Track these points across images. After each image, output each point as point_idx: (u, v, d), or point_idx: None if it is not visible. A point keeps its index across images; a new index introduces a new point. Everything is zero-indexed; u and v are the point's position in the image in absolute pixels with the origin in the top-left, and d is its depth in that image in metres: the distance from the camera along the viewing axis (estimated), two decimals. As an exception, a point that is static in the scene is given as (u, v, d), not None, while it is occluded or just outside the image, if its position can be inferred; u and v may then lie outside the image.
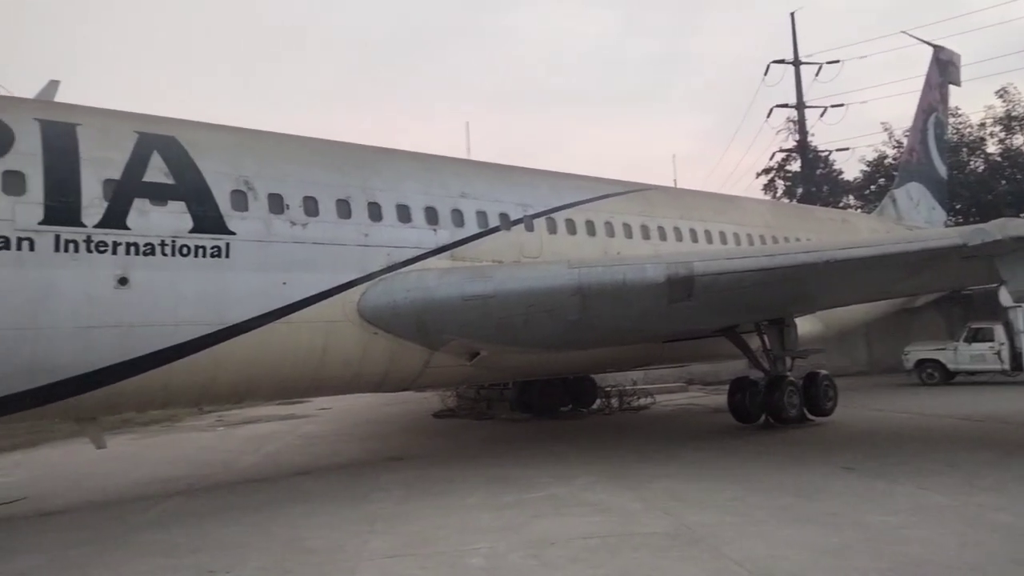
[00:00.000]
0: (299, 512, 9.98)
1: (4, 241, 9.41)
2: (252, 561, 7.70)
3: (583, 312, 12.85)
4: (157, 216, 10.64)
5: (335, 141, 14.34)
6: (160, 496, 11.85)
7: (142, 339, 10.35)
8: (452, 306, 12.81)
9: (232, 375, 11.50)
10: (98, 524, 9.92)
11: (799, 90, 39.16)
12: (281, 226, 11.84)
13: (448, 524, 8.85)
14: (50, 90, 11.77)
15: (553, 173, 17.37)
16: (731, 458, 12.63)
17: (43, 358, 9.69)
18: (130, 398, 10.92)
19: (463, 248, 13.98)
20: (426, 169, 14.65)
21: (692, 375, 28.44)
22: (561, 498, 10.03)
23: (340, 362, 12.56)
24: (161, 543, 8.68)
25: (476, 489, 10.87)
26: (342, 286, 12.35)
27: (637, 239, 16.72)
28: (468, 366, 14.09)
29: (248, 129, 13.20)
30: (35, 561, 8.12)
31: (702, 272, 12.49)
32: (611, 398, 21.97)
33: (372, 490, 11.27)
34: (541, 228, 15.15)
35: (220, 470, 14.49)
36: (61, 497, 12.28)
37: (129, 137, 10.92)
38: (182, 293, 10.68)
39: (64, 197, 9.95)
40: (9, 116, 10.14)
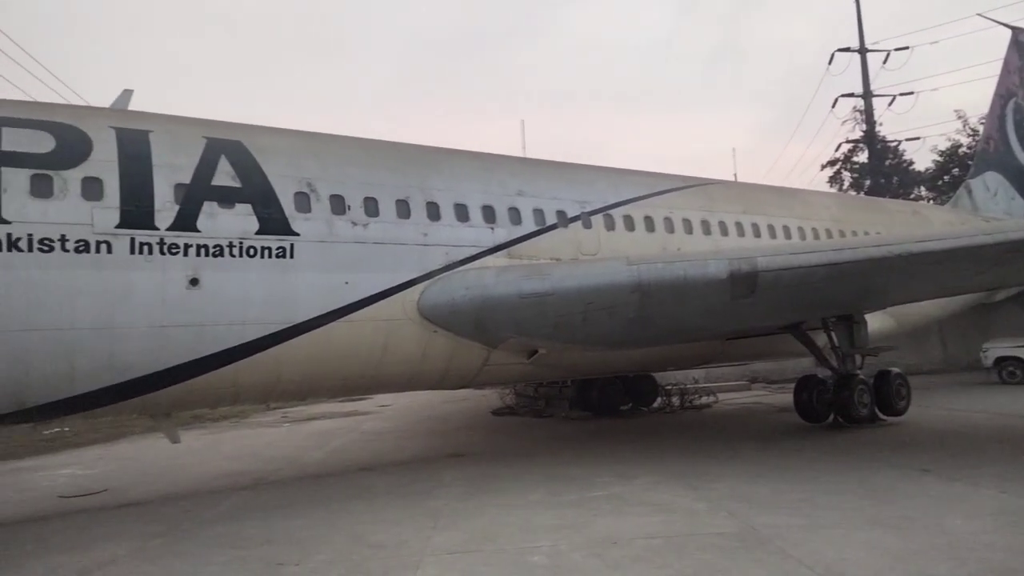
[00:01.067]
0: (363, 507, 10.16)
1: (84, 244, 9.86)
2: (319, 554, 7.87)
3: (643, 309, 12.69)
4: (225, 218, 10.98)
5: (394, 142, 14.53)
6: (230, 490, 12.24)
7: (212, 338, 10.70)
8: (510, 304, 12.84)
9: (297, 372, 11.79)
10: (173, 516, 10.32)
11: (865, 79, 37.89)
12: (343, 227, 12.07)
13: (510, 521, 8.86)
14: (124, 99, 12.29)
15: (611, 169, 17.21)
16: (798, 458, 12.28)
17: (121, 356, 10.13)
18: (201, 395, 11.31)
19: (520, 246, 13.98)
20: (483, 168, 14.71)
21: (755, 373, 27.79)
22: (623, 497, 9.92)
23: (401, 360, 12.73)
24: (232, 535, 8.96)
25: (537, 487, 10.86)
26: (402, 285, 12.51)
27: (697, 235, 16.43)
28: (526, 364, 14.10)
29: (310, 132, 13.50)
30: (117, 551, 8.50)
31: (766, 268, 12.18)
32: (672, 397, 21.66)
33: (434, 486, 11.38)
34: (599, 225, 15.03)
35: (286, 465, 14.88)
36: (139, 489, 12.81)
37: (198, 142, 11.30)
38: (249, 293, 11.00)
39: (138, 201, 10.36)
40: (87, 125, 10.62)
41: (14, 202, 9.52)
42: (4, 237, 9.37)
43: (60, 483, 14.03)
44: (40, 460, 17.41)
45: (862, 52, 37.47)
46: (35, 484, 14.11)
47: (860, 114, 39.25)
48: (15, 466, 16.63)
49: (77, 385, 10.02)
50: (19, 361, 9.51)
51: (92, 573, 7.68)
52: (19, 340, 9.43)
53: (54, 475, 15.06)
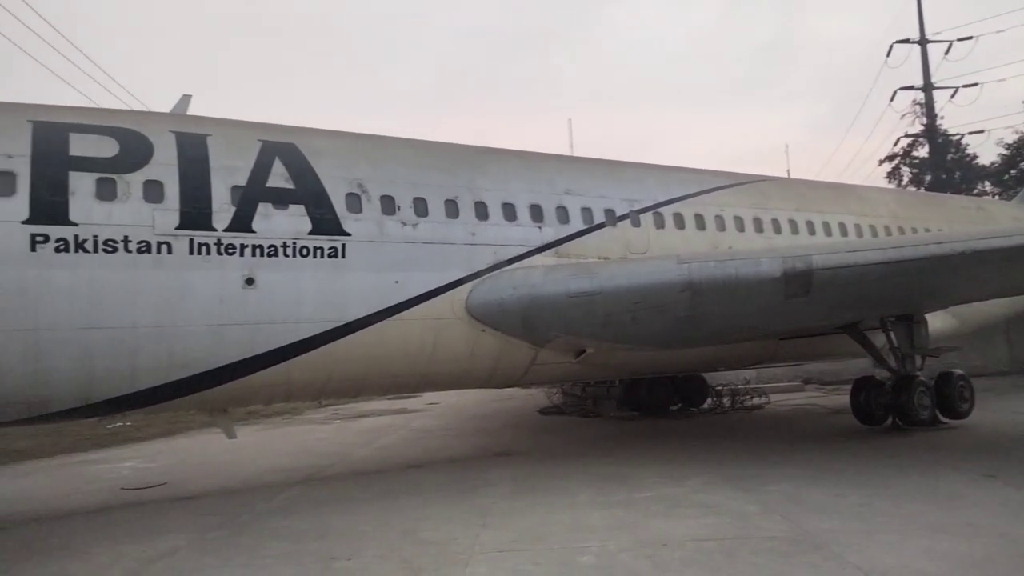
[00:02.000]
0: (413, 504, 10.27)
1: (145, 245, 10.21)
2: (370, 550, 7.99)
3: (693, 309, 12.52)
4: (279, 219, 11.23)
5: (442, 142, 14.65)
6: (284, 484, 12.51)
7: (267, 336, 10.96)
8: (557, 303, 12.81)
9: (348, 370, 11.98)
10: (230, 509, 10.60)
11: (926, 70, 36.69)
12: (393, 227, 12.22)
13: (558, 521, 8.85)
14: (183, 104, 12.69)
15: (659, 167, 17.02)
16: (855, 461, 11.94)
17: (180, 353, 10.45)
18: (257, 391, 11.59)
19: (568, 245, 13.94)
20: (531, 167, 14.71)
21: (809, 374, 27.13)
22: (673, 499, 9.81)
23: (449, 358, 12.83)
24: (287, 529, 9.17)
25: (585, 487, 10.81)
26: (451, 284, 12.60)
27: (750, 232, 16.13)
28: (574, 363, 14.04)
29: (360, 133, 13.70)
30: (177, 542, 8.77)
31: (821, 266, 11.88)
32: (723, 397, 21.31)
33: (482, 484, 11.44)
34: (648, 223, 14.88)
35: (337, 461, 15.14)
36: (197, 483, 13.20)
37: (253, 145, 11.58)
38: (303, 292, 11.23)
39: (197, 203, 10.68)
40: (149, 130, 10.99)
41: (81, 205, 9.91)
42: (71, 238, 9.76)
43: (123, 475, 14.55)
44: (104, 453, 18.08)
45: (922, 43, 36.28)
46: (100, 476, 14.66)
47: (920, 107, 38.06)
48: (82, 458, 17.31)
49: (139, 381, 10.37)
50: (85, 358, 9.89)
51: (154, 563, 7.94)
52: (85, 338, 9.80)
53: (117, 468, 15.63)
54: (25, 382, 9.61)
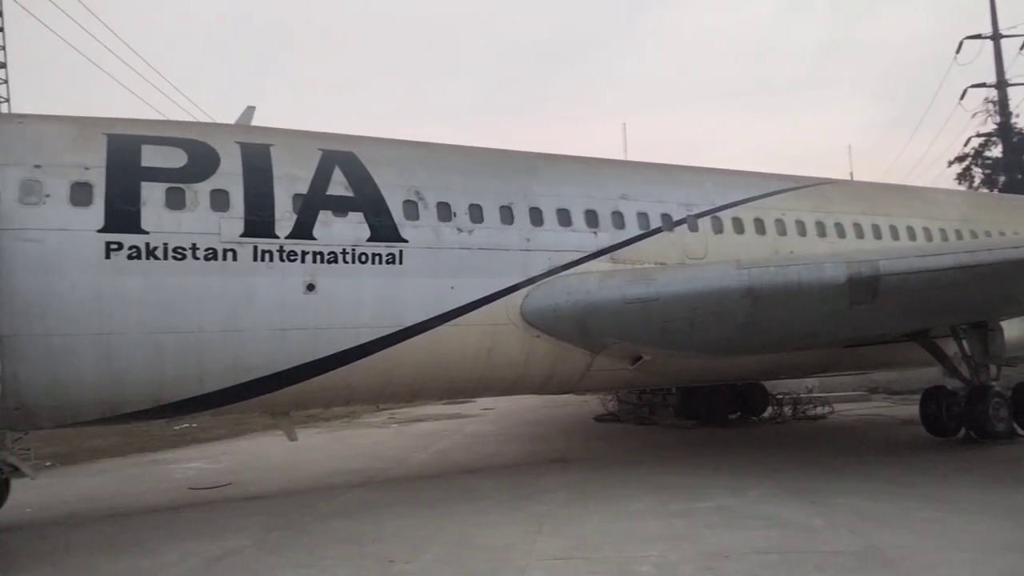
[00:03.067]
0: (469, 509, 10.32)
1: (212, 252, 10.55)
2: (428, 554, 8.04)
3: (753, 315, 12.25)
4: (339, 227, 11.46)
5: (497, 149, 14.72)
6: (343, 487, 12.73)
7: (328, 341, 11.18)
8: (613, 309, 12.71)
9: (406, 375, 12.13)
10: (292, 510, 10.84)
11: (999, 67, 35.20)
12: (449, 233, 12.33)
13: (615, 529, 8.76)
14: (248, 115, 13.09)
15: (717, 170, 16.73)
16: (926, 475, 11.48)
17: (245, 357, 10.76)
18: (318, 395, 11.84)
19: (624, 250, 13.82)
20: (585, 172, 14.65)
21: (875, 383, 26.24)
22: (733, 509, 9.59)
23: (505, 364, 12.86)
24: (346, 531, 9.32)
25: (642, 495, 10.68)
26: (506, 290, 12.63)
27: (812, 237, 15.69)
28: (631, 370, 13.90)
29: (417, 141, 13.89)
30: (242, 542, 9.01)
31: (889, 271, 11.48)
32: (784, 406, 20.79)
33: (537, 491, 11.41)
34: (706, 228, 14.64)
35: (394, 465, 15.32)
36: (260, 484, 13.55)
37: (313, 155, 11.85)
38: (362, 298, 11.43)
39: (260, 212, 10.99)
40: (215, 141, 11.37)
41: (152, 214, 10.31)
42: (143, 246, 10.16)
43: (190, 475, 15.05)
44: (172, 453, 18.73)
45: (995, 38, 34.81)
46: (168, 476, 15.20)
47: (993, 105, 36.47)
48: (151, 458, 17.97)
49: (206, 384, 10.72)
50: (156, 361, 10.27)
51: (221, 561, 8.17)
52: (156, 342, 10.18)
53: (184, 468, 16.17)
54: (100, 384, 10.04)
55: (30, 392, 9.70)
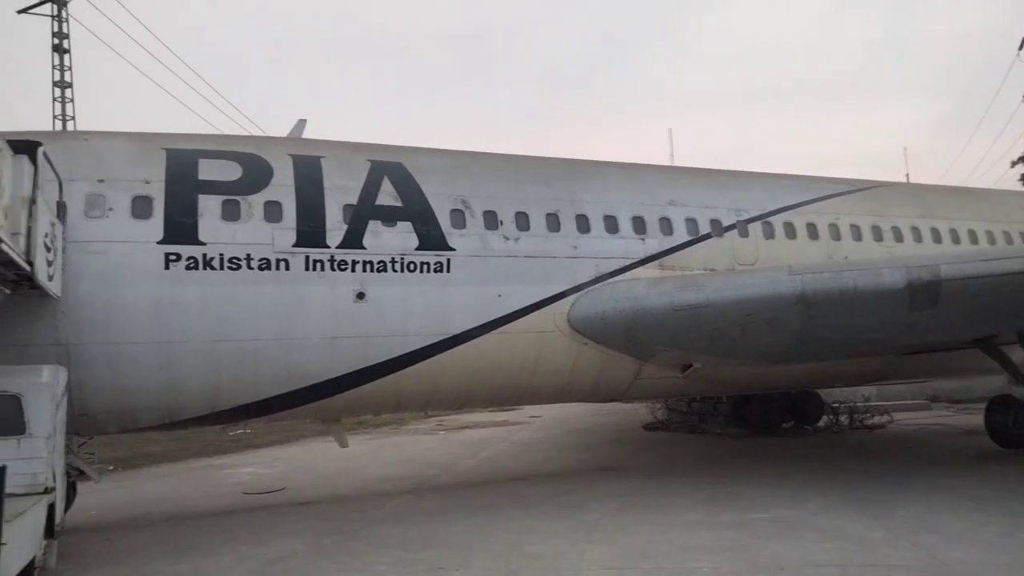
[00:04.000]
0: (518, 516, 10.30)
1: (266, 262, 10.80)
2: (478, 561, 8.06)
3: (807, 322, 11.96)
4: (388, 236, 11.62)
5: (542, 157, 14.73)
6: (393, 493, 12.85)
7: (378, 348, 11.33)
8: (662, 316, 12.56)
9: (453, 382, 12.20)
10: (343, 515, 10.99)
11: (1065, 61, 33.59)
12: (496, 241, 12.38)
13: (667, 540, 8.64)
14: (299, 128, 13.40)
15: (768, 174, 16.44)
16: (993, 488, 11.02)
17: (298, 365, 10.97)
18: (368, 402, 12.00)
19: (672, 257, 13.67)
20: (632, 178, 14.55)
21: (936, 391, 25.33)
22: (788, 521, 9.37)
23: (552, 371, 12.82)
24: (397, 537, 9.41)
25: (694, 505, 10.51)
26: (552, 297, 12.61)
27: (867, 241, 15.28)
28: (680, 378, 13.71)
29: (463, 151, 14.00)
30: (295, 546, 9.18)
31: (950, 276, 11.09)
32: (839, 415, 20.23)
33: (587, 499, 11.33)
34: (756, 233, 14.38)
35: (443, 472, 15.41)
36: (312, 489, 13.78)
37: (363, 166, 12.06)
38: (410, 306, 11.55)
39: (312, 222, 11.21)
40: (268, 153, 11.66)
41: (208, 225, 10.62)
42: (200, 257, 10.46)
43: (244, 480, 15.39)
44: (227, 459, 19.19)
45: (1060, 32, 33.31)
46: (224, 480, 15.57)
47: (1059, 102, 34.86)
48: (207, 463, 18.45)
49: (260, 391, 10.97)
50: (212, 369, 10.55)
51: (276, 565, 8.34)
52: (213, 349, 10.46)
53: (239, 473, 16.55)
54: (160, 390, 10.36)
55: (95, 399, 10.06)
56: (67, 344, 9.69)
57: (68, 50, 25.27)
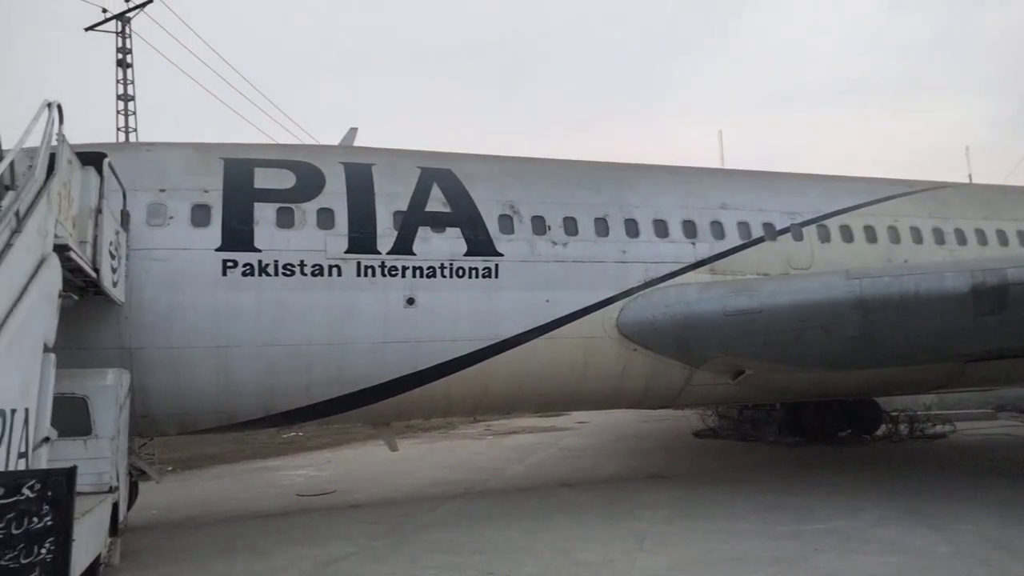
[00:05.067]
0: (568, 523, 10.25)
1: (319, 268, 11.01)
2: (527, 567, 8.05)
3: (865, 328, 11.62)
4: (437, 242, 11.73)
5: (591, 161, 14.68)
6: (443, 497, 12.93)
7: (427, 353, 11.43)
8: (714, 322, 12.37)
9: (502, 387, 12.22)
10: (394, 519, 11.10)
11: None
12: (544, 246, 12.37)
13: (719, 549, 8.48)
14: (350, 136, 13.64)
15: (822, 176, 16.06)
16: (1067, 502, 10.51)
17: (349, 369, 11.14)
18: (418, 406, 12.11)
19: (724, 261, 13.45)
20: (682, 182, 14.38)
21: (1002, 400, 24.28)
22: (846, 532, 9.10)
23: (600, 377, 12.74)
24: (447, 541, 9.45)
25: (747, 515, 10.30)
26: (601, 303, 12.53)
27: (929, 245, 14.77)
28: (732, 385, 13.47)
29: (511, 156, 14.05)
30: (347, 549, 9.31)
31: (1018, 280, 10.64)
32: (899, 424, 19.55)
33: (637, 507, 11.21)
34: (811, 236, 14.04)
35: (491, 477, 15.43)
36: (363, 492, 13.96)
37: (412, 172, 12.20)
38: (459, 311, 11.62)
39: (363, 228, 11.39)
40: (321, 162, 11.90)
41: (264, 232, 10.88)
42: (256, 263, 10.73)
43: (297, 482, 15.68)
44: (280, 461, 19.57)
45: None
46: (278, 482, 15.89)
47: None
48: (262, 465, 18.85)
49: (313, 394, 11.17)
50: (267, 373, 10.80)
51: (329, 567, 8.47)
52: (268, 354, 10.71)
53: (292, 475, 16.86)
54: (218, 394, 10.65)
55: (155, 401, 10.40)
56: (130, 348, 10.04)
57: (131, 64, 26.28)
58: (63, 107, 7.37)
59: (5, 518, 3.82)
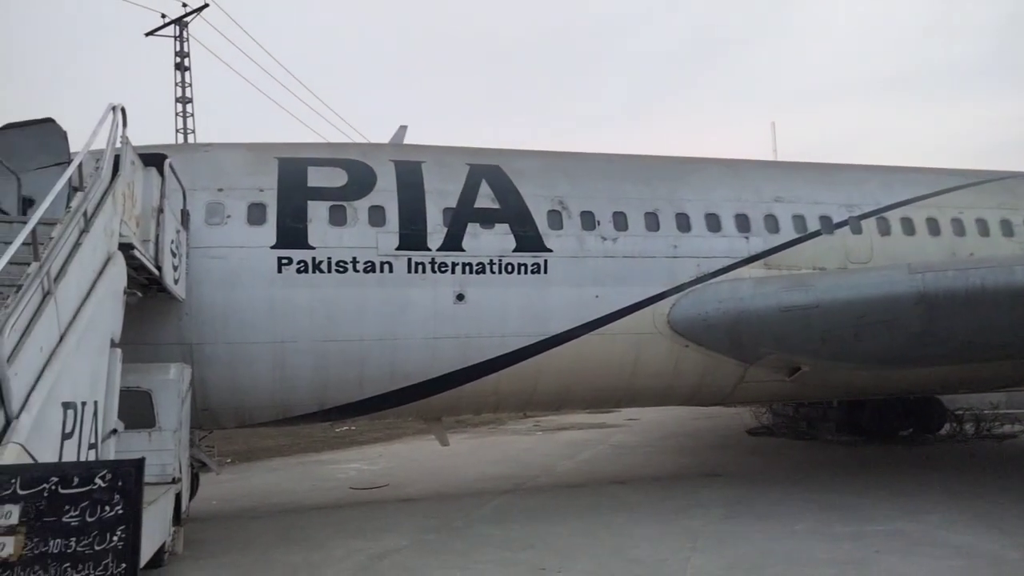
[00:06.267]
0: (619, 520, 10.18)
1: (370, 265, 11.16)
2: (579, 564, 8.01)
3: (928, 324, 11.22)
4: (486, 238, 11.76)
5: (640, 155, 14.52)
6: (494, 492, 12.98)
7: (477, 348, 11.49)
8: (768, 318, 12.11)
9: (552, 383, 12.20)
10: (445, 513, 11.20)
11: None
12: (593, 242, 12.29)
13: (776, 550, 8.30)
14: (400, 134, 13.77)
15: (882, 167, 15.56)
16: None
17: (400, 364, 11.28)
18: (469, 401, 12.18)
19: (779, 255, 13.14)
20: (735, 175, 14.10)
21: (1076, 399, 23.17)
22: (910, 535, 8.81)
23: (651, 374, 12.61)
24: (498, 536, 9.49)
25: (804, 515, 10.06)
26: (652, 298, 12.39)
27: (996, 237, 14.17)
28: (787, 382, 13.17)
29: (559, 152, 14.00)
30: (400, 542, 9.42)
31: (1096, 273, 10.12)
32: (964, 423, 18.86)
33: (690, 505, 11.06)
34: (871, 229, 13.62)
35: (541, 473, 15.43)
36: (415, 486, 14.12)
37: (461, 169, 12.25)
38: (508, 307, 11.64)
39: (413, 225, 11.50)
40: (372, 160, 12.05)
41: (317, 230, 11.08)
42: (310, 260, 10.93)
43: (351, 475, 15.96)
44: (333, 454, 19.95)
45: None
46: (331, 475, 16.19)
47: None
48: (316, 458, 19.24)
49: (365, 389, 11.35)
50: (321, 368, 11.00)
51: (382, 559, 8.58)
52: (322, 350, 10.91)
53: (345, 468, 17.17)
54: (274, 388, 10.90)
55: (215, 395, 10.71)
56: (191, 344, 10.35)
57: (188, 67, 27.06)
58: (126, 110, 7.63)
59: (80, 506, 3.98)
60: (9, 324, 4.96)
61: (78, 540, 3.92)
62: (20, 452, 4.82)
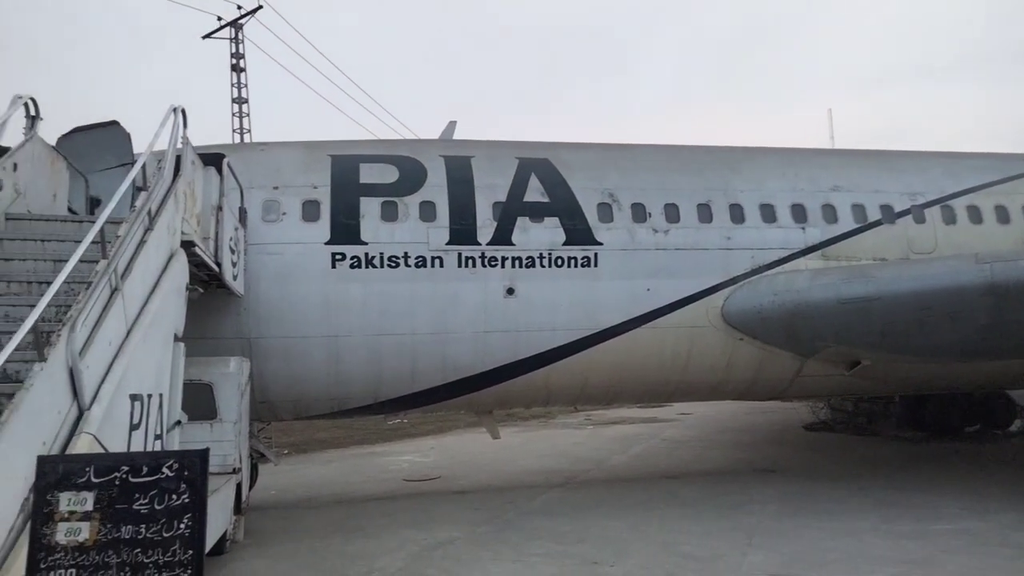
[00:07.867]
0: (672, 515, 10.08)
1: (422, 260, 11.28)
2: (632, 559, 7.96)
3: (997, 316, 10.75)
4: (536, 232, 11.75)
5: (691, 146, 14.29)
6: (544, 486, 13.00)
7: (527, 342, 11.50)
8: (827, 310, 11.79)
9: (602, 377, 12.14)
10: (496, 505, 11.27)
11: None
12: (644, 234, 12.16)
13: (835, 548, 8.11)
14: (450, 129, 13.86)
15: (946, 154, 14.96)
16: None
17: (452, 358, 11.37)
18: (519, 394, 12.22)
19: (837, 246, 12.79)
20: (790, 164, 13.75)
21: None
22: (977, 534, 8.50)
23: (705, 368, 12.42)
24: (549, 530, 9.50)
25: (865, 512, 9.80)
26: (705, 291, 12.20)
27: (1072, 224, 13.49)
28: (847, 376, 12.81)
29: (609, 144, 13.86)
30: (453, 533, 9.52)
31: None
32: (1035, 420, 18.05)
33: (745, 501, 10.88)
34: (935, 218, 13.13)
35: (593, 467, 15.38)
36: (467, 479, 14.24)
37: (511, 163, 12.26)
38: (558, 301, 11.62)
39: (464, 220, 11.57)
40: (422, 156, 12.16)
41: (369, 226, 11.25)
42: (363, 256, 11.11)
43: (403, 468, 16.18)
44: (387, 447, 20.26)
45: None
46: (385, 467, 16.45)
47: None
48: (369, 450, 19.57)
49: (417, 383, 11.48)
50: (374, 361, 11.18)
51: (435, 550, 8.69)
52: (375, 343, 11.08)
53: (398, 460, 17.42)
54: (329, 381, 11.12)
55: (273, 387, 10.99)
56: (249, 338, 10.64)
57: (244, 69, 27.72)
58: (186, 111, 7.87)
59: (149, 495, 4.15)
60: (81, 319, 5.18)
61: (147, 527, 4.09)
62: (92, 442, 5.04)
